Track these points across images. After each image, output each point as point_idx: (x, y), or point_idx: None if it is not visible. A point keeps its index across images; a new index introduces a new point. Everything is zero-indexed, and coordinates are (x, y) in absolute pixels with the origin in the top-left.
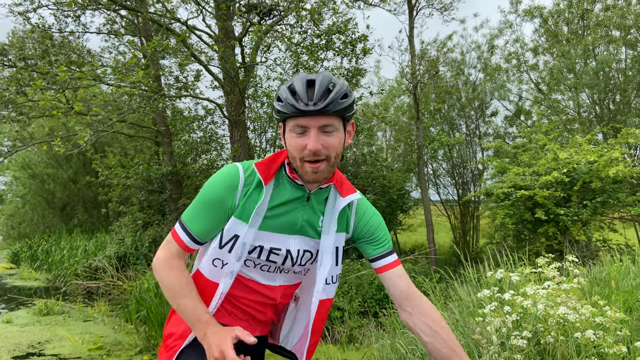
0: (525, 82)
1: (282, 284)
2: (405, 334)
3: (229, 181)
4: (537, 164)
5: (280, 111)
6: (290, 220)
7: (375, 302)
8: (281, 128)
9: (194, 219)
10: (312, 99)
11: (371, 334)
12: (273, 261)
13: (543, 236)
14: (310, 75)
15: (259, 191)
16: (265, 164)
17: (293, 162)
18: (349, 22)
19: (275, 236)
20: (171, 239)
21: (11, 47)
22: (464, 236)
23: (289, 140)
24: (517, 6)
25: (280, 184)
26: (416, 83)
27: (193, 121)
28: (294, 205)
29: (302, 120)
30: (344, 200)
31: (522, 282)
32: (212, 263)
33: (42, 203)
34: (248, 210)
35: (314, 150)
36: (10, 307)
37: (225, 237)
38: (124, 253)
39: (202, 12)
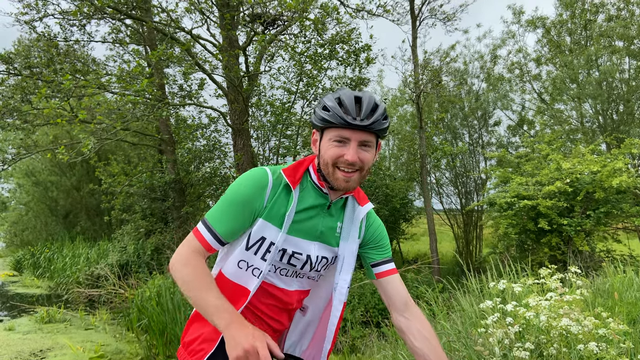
0: (528, 92)
1: (297, 289)
2: None
3: (258, 182)
4: (540, 173)
5: (325, 119)
6: (313, 226)
7: (378, 312)
8: (315, 134)
9: (219, 218)
10: (359, 115)
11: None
12: (293, 264)
13: (546, 246)
14: (356, 92)
15: (286, 195)
16: (292, 169)
17: (325, 169)
18: (352, 32)
19: (299, 241)
20: (193, 238)
21: (17, 55)
22: (467, 245)
23: (326, 147)
24: (520, 17)
25: (305, 190)
26: (419, 92)
27: (197, 129)
28: (316, 211)
29: (345, 132)
30: (363, 208)
31: (525, 293)
32: (238, 265)
33: (45, 210)
34: (276, 213)
35: (352, 162)
36: (12, 315)
37: (253, 238)
38: (126, 261)
39: (206, 21)
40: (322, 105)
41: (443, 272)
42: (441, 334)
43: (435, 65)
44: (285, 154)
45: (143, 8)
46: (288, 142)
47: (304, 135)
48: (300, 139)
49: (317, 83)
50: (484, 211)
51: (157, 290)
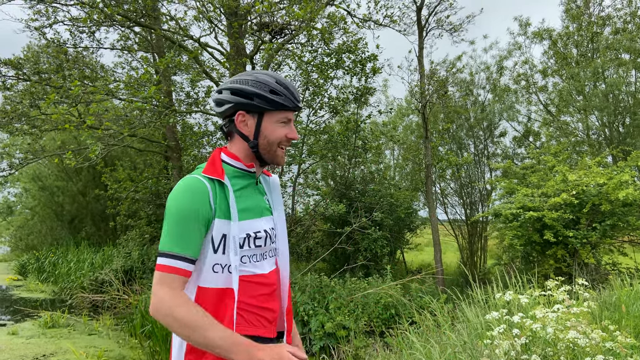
0: (534, 103)
1: (271, 270)
2: (413, 355)
3: (199, 191)
4: (546, 185)
5: (278, 103)
6: (254, 205)
7: (382, 321)
8: (246, 117)
9: (181, 241)
10: (297, 98)
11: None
12: (258, 245)
13: (552, 258)
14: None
15: (222, 189)
16: (211, 167)
17: (268, 149)
18: (359, 41)
19: (251, 222)
20: (165, 275)
21: (26, 61)
22: (471, 256)
23: (272, 128)
24: (526, 28)
25: (231, 178)
26: (425, 102)
27: (203, 136)
28: (249, 190)
29: (290, 114)
30: (274, 178)
31: (531, 304)
32: (213, 270)
33: (50, 215)
34: (224, 209)
35: (295, 139)
36: (16, 319)
37: (216, 240)
38: (130, 267)
39: (214, 29)
40: (268, 88)
41: (447, 282)
42: (446, 344)
43: (442, 75)
44: (291, 162)
45: (152, 16)
46: (294, 150)
47: (309, 144)
48: (305, 147)
49: (323, 92)
50: (489, 222)
51: None
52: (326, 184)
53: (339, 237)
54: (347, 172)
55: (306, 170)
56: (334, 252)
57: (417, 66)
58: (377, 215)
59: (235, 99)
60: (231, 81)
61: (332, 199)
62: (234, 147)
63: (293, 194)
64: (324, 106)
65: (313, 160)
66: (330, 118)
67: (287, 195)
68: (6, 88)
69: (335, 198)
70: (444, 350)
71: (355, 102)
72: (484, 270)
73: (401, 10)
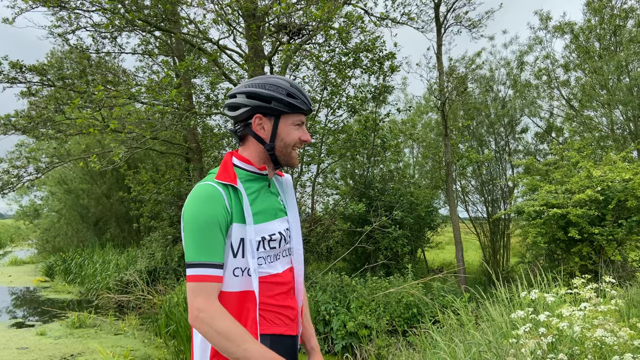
0: (557, 98)
1: (285, 269)
2: (437, 354)
3: (215, 198)
4: (569, 181)
5: (295, 106)
6: (268, 207)
7: (404, 320)
8: (263, 120)
9: (206, 249)
10: (310, 101)
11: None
12: (273, 247)
13: (577, 256)
14: (289, 79)
15: (236, 194)
16: (223, 172)
17: (283, 151)
18: (376, 40)
19: (266, 225)
20: (200, 285)
21: (50, 67)
22: (494, 255)
23: (288, 131)
24: (547, 22)
25: (244, 182)
26: (444, 100)
27: (223, 138)
28: (263, 193)
29: (303, 116)
30: (287, 178)
31: (557, 303)
32: (234, 274)
33: (76, 217)
34: (240, 213)
35: (309, 141)
36: (44, 320)
37: (235, 245)
38: (154, 267)
39: (232, 32)
40: (285, 92)
41: (470, 281)
42: (471, 343)
43: (461, 72)
44: (310, 162)
45: (172, 20)
46: (312, 150)
47: (327, 143)
48: (324, 147)
49: (341, 91)
50: (512, 220)
51: (185, 296)
52: (345, 184)
53: (359, 236)
54: (366, 171)
55: (325, 170)
56: (354, 251)
57: (436, 63)
58: (397, 213)
59: (253, 102)
60: (246, 85)
61: (351, 198)
62: (246, 151)
63: (312, 194)
64: (342, 105)
65: (332, 159)
66: (348, 117)
67: (306, 195)
68: (31, 94)
69: (355, 197)
70: (468, 350)
71: (374, 100)
72: (507, 268)
73: (419, 7)
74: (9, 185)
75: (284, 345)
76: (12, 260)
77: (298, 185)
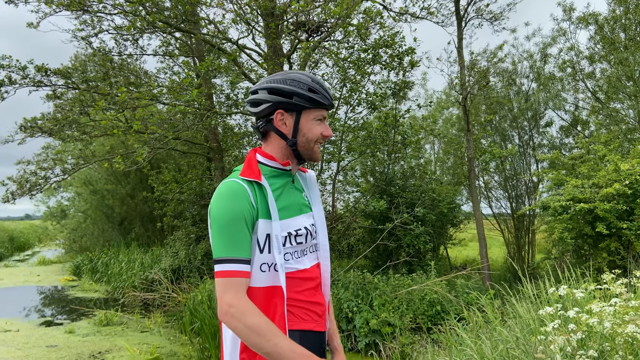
0: (582, 90)
1: (312, 264)
2: (463, 351)
3: (240, 194)
4: (597, 175)
5: (316, 101)
6: (293, 203)
7: (427, 318)
8: (284, 116)
9: (233, 244)
10: (331, 96)
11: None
12: (300, 242)
13: (605, 251)
14: (310, 74)
15: (261, 190)
16: (247, 169)
17: (306, 146)
18: (395, 35)
19: (291, 220)
20: (227, 280)
21: (74, 70)
22: (518, 251)
23: (310, 126)
24: (570, 14)
25: (268, 178)
26: (466, 94)
27: (243, 137)
28: (287, 189)
29: (324, 111)
30: (310, 174)
31: (587, 299)
32: (260, 270)
33: (102, 217)
34: (265, 210)
35: (330, 136)
36: (72, 318)
37: (261, 240)
38: (178, 266)
39: (252, 31)
40: (306, 87)
41: (494, 278)
42: (498, 340)
43: (482, 66)
44: (330, 160)
45: (192, 21)
46: (332, 148)
47: (347, 141)
48: (344, 144)
49: (361, 88)
50: (537, 215)
51: (208, 294)
52: (366, 181)
53: (380, 234)
54: (387, 167)
55: (345, 168)
56: (376, 248)
57: (457, 57)
58: (418, 210)
59: (274, 98)
60: (267, 80)
61: (372, 196)
62: (269, 147)
63: (333, 192)
64: (362, 102)
65: (352, 157)
66: (368, 114)
67: (327, 193)
68: (57, 97)
69: (376, 194)
70: (495, 347)
71: (394, 96)
72: (533, 265)
73: (438, 1)
74: (36, 186)
75: (313, 341)
76: (40, 260)
77: (318, 182)
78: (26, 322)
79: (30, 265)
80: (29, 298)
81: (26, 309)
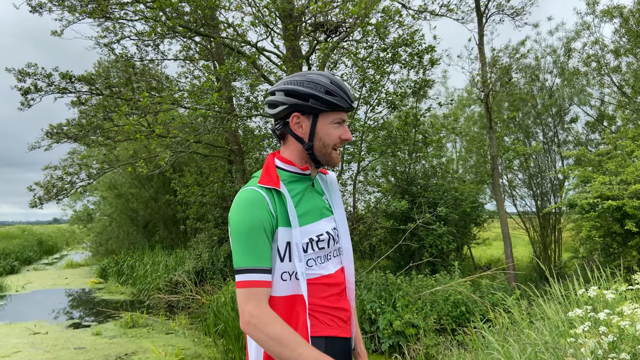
0: (607, 85)
1: (337, 269)
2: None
3: (260, 203)
4: (624, 172)
5: (334, 104)
6: (314, 208)
7: (452, 319)
8: (301, 119)
9: (254, 254)
10: (351, 98)
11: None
12: (322, 248)
13: (634, 249)
14: (331, 75)
15: (280, 197)
16: (266, 176)
17: (323, 150)
18: (415, 33)
19: (312, 226)
20: (249, 290)
21: (98, 76)
22: (544, 250)
23: (327, 130)
24: (594, 7)
25: (287, 183)
26: (488, 92)
27: (263, 139)
28: (307, 194)
29: (344, 114)
30: (331, 175)
31: (618, 300)
32: (281, 278)
33: (126, 221)
34: (285, 217)
35: (349, 140)
36: (99, 320)
37: (281, 249)
38: (201, 268)
39: (270, 33)
40: (323, 89)
41: (520, 278)
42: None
43: (504, 62)
44: (350, 160)
45: (211, 25)
46: (352, 148)
47: (367, 141)
48: (364, 144)
49: (380, 87)
50: (563, 213)
51: (232, 296)
52: (387, 181)
53: (402, 234)
54: (408, 167)
55: (366, 168)
56: (398, 249)
57: (478, 54)
58: (441, 210)
59: (290, 100)
60: (285, 82)
61: (393, 196)
62: (287, 151)
63: (354, 192)
64: (382, 102)
65: (372, 157)
66: (388, 114)
67: (347, 194)
68: (81, 103)
69: (397, 194)
70: (524, 350)
71: (414, 95)
72: (560, 264)
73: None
74: (63, 191)
75: (339, 348)
76: (68, 263)
77: (339, 183)
78: (55, 325)
79: (58, 269)
80: (58, 300)
81: (55, 311)
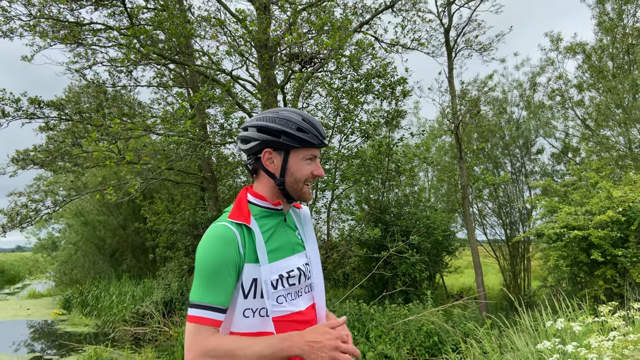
0: (571, 118)
1: (307, 305)
2: None
3: (228, 240)
4: (589, 202)
5: (305, 140)
6: (285, 243)
7: (425, 349)
8: (272, 155)
9: (211, 292)
10: (323, 135)
11: None
12: (293, 284)
13: (601, 279)
14: (301, 112)
15: (250, 233)
16: (237, 211)
17: (294, 186)
18: (387, 65)
19: (282, 262)
20: (197, 326)
21: (68, 101)
22: (514, 278)
23: (299, 166)
24: (558, 43)
25: (259, 219)
26: (458, 123)
27: (237, 166)
28: (279, 229)
29: (316, 151)
30: (304, 210)
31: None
32: (244, 315)
33: (93, 249)
34: (253, 252)
35: (321, 176)
36: (61, 354)
37: (246, 285)
38: (170, 298)
39: (245, 62)
40: (295, 126)
41: (490, 307)
42: None
43: (473, 95)
44: (324, 188)
45: (186, 53)
46: (327, 176)
47: (341, 169)
48: (338, 172)
49: (354, 117)
50: (532, 242)
51: None
52: (360, 209)
53: (376, 262)
54: (381, 195)
55: (340, 196)
56: (372, 277)
57: (448, 87)
58: (414, 238)
59: (262, 136)
60: (257, 118)
61: (367, 224)
62: (259, 186)
63: (327, 220)
64: (355, 131)
65: (346, 185)
66: (362, 142)
67: (321, 222)
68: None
69: (371, 222)
70: None
71: (387, 125)
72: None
73: (429, 33)
74: (27, 219)
75: None
76: (30, 293)
77: (313, 211)
78: (15, 357)
79: (20, 299)
80: (19, 332)
81: (15, 343)
